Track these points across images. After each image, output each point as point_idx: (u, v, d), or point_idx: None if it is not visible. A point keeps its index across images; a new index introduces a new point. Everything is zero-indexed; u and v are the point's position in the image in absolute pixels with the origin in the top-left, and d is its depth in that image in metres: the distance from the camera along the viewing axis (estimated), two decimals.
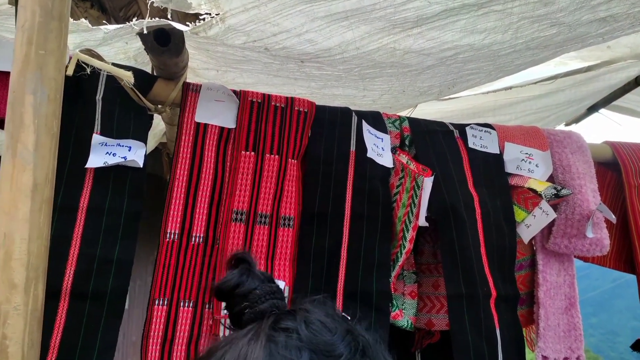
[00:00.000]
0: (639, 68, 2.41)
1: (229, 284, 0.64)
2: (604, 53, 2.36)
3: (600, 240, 1.48)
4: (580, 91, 2.51)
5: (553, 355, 1.48)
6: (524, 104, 2.55)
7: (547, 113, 2.69)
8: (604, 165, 1.70)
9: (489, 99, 2.50)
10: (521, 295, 1.57)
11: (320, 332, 0.57)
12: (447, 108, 2.54)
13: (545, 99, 2.53)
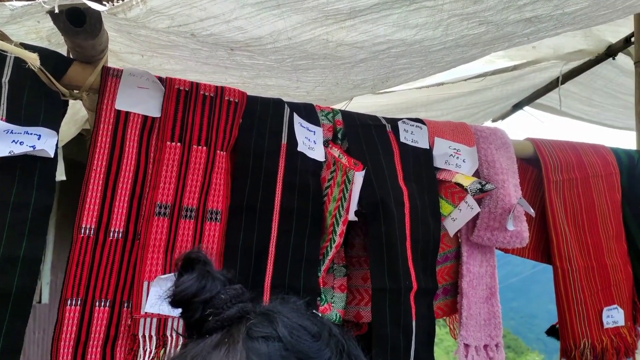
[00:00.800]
0: (561, 68, 2.55)
1: (189, 292, 0.55)
2: (529, 53, 2.47)
3: (520, 232, 1.55)
4: (507, 89, 2.62)
5: (474, 343, 1.54)
6: (455, 100, 2.63)
7: (476, 109, 2.79)
8: (525, 161, 1.78)
9: (422, 94, 2.55)
10: (446, 285, 1.62)
11: (304, 338, 0.52)
12: (382, 102, 2.57)
13: (475, 96, 2.62)
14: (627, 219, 1.79)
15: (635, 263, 1.77)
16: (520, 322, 20.29)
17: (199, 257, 0.58)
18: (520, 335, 17.10)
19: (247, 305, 0.56)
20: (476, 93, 2.59)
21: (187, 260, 0.58)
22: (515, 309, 26.19)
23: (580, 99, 3.11)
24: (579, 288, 1.66)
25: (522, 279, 24.07)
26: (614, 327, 1.70)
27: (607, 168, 1.78)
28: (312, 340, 0.52)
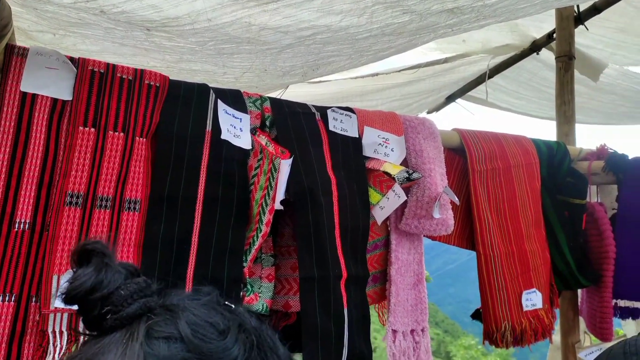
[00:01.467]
0: (489, 62, 2.64)
1: (83, 287, 0.50)
2: (460, 46, 2.54)
3: (446, 220, 1.59)
4: (439, 81, 2.69)
5: (401, 329, 1.57)
6: (389, 91, 2.67)
7: (410, 100, 2.84)
8: (453, 150, 1.82)
9: (357, 84, 2.57)
10: (376, 273, 1.64)
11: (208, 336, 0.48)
12: (317, 91, 2.56)
13: (408, 87, 2.67)
14: (546, 206, 1.88)
15: (553, 249, 1.87)
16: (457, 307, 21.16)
17: (97, 248, 0.53)
18: (457, 320, 17.84)
19: (151, 300, 0.51)
20: (410, 84, 2.63)
21: (83, 252, 0.53)
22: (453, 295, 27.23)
23: (507, 91, 3.24)
24: (500, 273, 1.74)
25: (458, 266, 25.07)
26: (533, 310, 1.78)
27: (527, 158, 1.86)
28: (219, 339, 0.48)
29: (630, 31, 2.38)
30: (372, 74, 2.52)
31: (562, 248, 1.86)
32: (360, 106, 1.66)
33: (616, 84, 2.74)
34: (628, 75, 2.68)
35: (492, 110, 3.93)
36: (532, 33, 2.53)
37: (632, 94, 2.81)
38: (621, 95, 2.85)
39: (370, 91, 2.62)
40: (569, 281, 1.88)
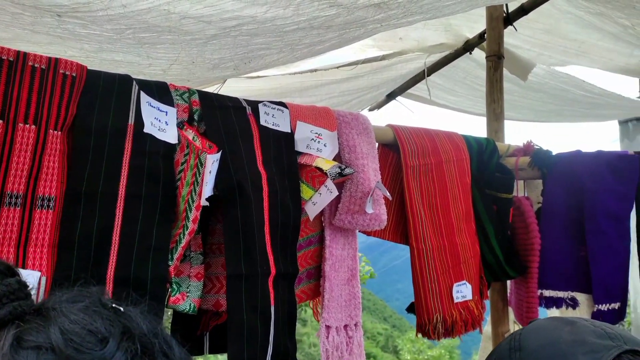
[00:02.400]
0: (425, 60, 2.69)
1: None
2: (397, 44, 2.58)
3: (379, 215, 1.61)
4: (377, 78, 2.72)
5: (335, 324, 1.58)
6: (329, 87, 2.67)
7: (349, 97, 2.86)
8: (387, 146, 1.85)
9: (296, 80, 2.55)
10: (310, 269, 1.64)
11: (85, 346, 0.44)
12: (256, 86, 2.52)
13: (347, 84, 2.68)
14: (476, 201, 1.94)
15: (482, 242, 1.93)
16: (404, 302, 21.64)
17: None
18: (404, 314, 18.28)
19: (23, 304, 0.47)
20: (348, 81, 2.65)
21: None
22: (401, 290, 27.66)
23: (445, 89, 3.33)
24: (432, 266, 1.77)
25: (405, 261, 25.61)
26: (463, 301, 1.84)
27: (458, 154, 1.91)
28: (97, 348, 0.44)
29: (556, 33, 2.50)
30: (310, 70, 2.52)
31: (491, 241, 1.93)
32: (300, 102, 1.65)
33: (544, 83, 2.87)
34: (554, 75, 2.82)
35: (431, 107, 4.04)
36: (465, 33, 2.61)
37: (558, 92, 2.96)
38: (549, 93, 3.00)
39: (309, 87, 2.62)
40: (497, 273, 1.95)
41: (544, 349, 0.70)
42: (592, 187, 1.88)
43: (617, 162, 1.89)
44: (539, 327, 0.77)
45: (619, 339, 0.69)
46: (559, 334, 0.72)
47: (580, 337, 0.70)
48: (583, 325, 0.74)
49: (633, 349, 0.68)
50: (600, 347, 0.67)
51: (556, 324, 0.76)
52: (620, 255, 1.87)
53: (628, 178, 1.87)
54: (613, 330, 0.72)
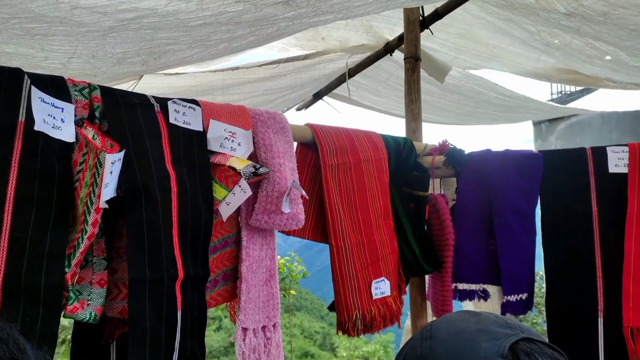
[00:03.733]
0: (347, 60, 2.72)
1: None
2: (319, 44, 2.59)
3: (296, 215, 1.60)
4: (301, 77, 2.72)
5: (252, 326, 1.55)
6: (251, 86, 2.63)
7: (273, 96, 2.84)
8: (306, 145, 1.84)
9: (217, 78, 2.49)
10: (226, 271, 1.60)
11: None
12: (176, 83, 2.44)
13: (270, 82, 2.66)
14: (394, 199, 1.98)
15: (400, 238, 1.98)
16: None
17: None
18: None
19: None
20: (271, 79, 2.63)
21: None
22: None
23: (370, 89, 3.39)
24: (351, 263, 1.79)
25: None
26: (382, 297, 1.87)
27: (377, 153, 1.95)
28: None
29: (469, 37, 2.61)
30: (232, 68, 2.47)
31: (408, 237, 1.98)
32: (222, 100, 1.60)
33: (460, 85, 3.00)
34: (469, 78, 2.94)
35: (358, 108, 4.10)
36: (386, 35, 2.67)
37: (474, 94, 3.10)
38: (465, 95, 3.13)
39: (231, 85, 2.57)
40: (415, 268, 2.00)
41: (452, 337, 0.76)
42: (500, 184, 1.97)
43: (523, 161, 1.99)
44: (449, 318, 0.84)
45: (517, 328, 0.76)
46: (465, 324, 0.78)
47: (484, 326, 0.77)
48: (486, 317, 0.81)
49: (528, 337, 0.75)
50: (501, 334, 0.74)
51: (464, 316, 0.83)
52: (527, 249, 1.98)
53: (532, 175, 1.98)
54: (512, 321, 0.80)
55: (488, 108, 3.31)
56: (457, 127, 4.74)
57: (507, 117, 3.70)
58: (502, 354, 0.70)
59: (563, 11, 2.07)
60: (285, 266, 7.90)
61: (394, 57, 2.78)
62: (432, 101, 3.38)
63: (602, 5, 1.94)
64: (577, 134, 5.83)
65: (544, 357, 0.70)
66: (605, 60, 2.53)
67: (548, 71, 2.81)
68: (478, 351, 0.71)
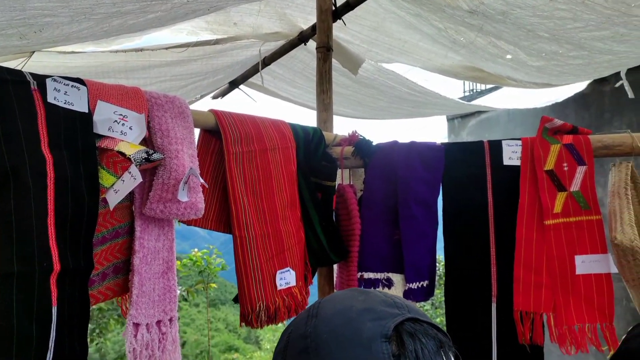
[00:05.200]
0: (260, 48, 2.66)
1: None
2: (231, 29, 2.51)
3: (195, 204, 1.53)
4: (212, 63, 2.62)
5: (146, 321, 1.47)
6: (158, 70, 2.50)
7: (183, 82, 2.72)
8: (209, 132, 1.78)
9: (119, 59, 2.34)
10: (117, 263, 1.50)
11: None
12: (72, 63, 2.26)
13: (179, 67, 2.54)
14: (301, 188, 1.96)
15: (307, 228, 1.97)
16: None
17: None
18: None
19: None
20: (180, 64, 2.51)
21: None
22: None
23: (286, 80, 3.35)
24: (255, 254, 1.75)
25: None
26: (287, 288, 1.85)
27: (284, 142, 1.92)
28: None
29: (382, 30, 2.65)
30: (135, 49, 2.33)
31: (315, 227, 1.97)
32: (125, 84, 1.49)
33: (373, 79, 3.04)
34: (382, 71, 2.99)
35: (276, 99, 4.05)
36: (300, 24, 2.64)
37: (387, 89, 3.16)
38: (378, 89, 3.18)
39: (135, 68, 2.42)
40: (321, 258, 2.00)
41: (337, 315, 0.73)
42: (405, 175, 2.02)
43: (426, 152, 2.05)
44: (336, 296, 0.80)
45: (404, 308, 0.74)
46: (352, 303, 0.75)
47: (370, 305, 0.74)
48: (375, 295, 0.78)
49: (415, 317, 0.73)
50: (387, 314, 0.72)
51: (352, 294, 0.79)
52: (429, 238, 2.04)
53: (435, 167, 2.04)
54: (401, 300, 0.78)
55: (401, 103, 3.39)
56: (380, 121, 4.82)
57: (420, 112, 3.81)
58: (385, 335, 0.68)
59: (466, 8, 2.15)
60: (204, 259, 7.71)
61: (309, 47, 2.76)
62: (348, 94, 3.40)
63: (501, 5, 2.03)
64: (486, 129, 6.17)
65: (427, 338, 0.70)
66: (506, 59, 2.66)
67: (455, 68, 2.92)
68: (362, 331, 0.69)
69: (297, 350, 0.71)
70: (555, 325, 1.88)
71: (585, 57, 2.40)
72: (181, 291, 9.16)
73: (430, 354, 0.68)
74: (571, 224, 1.92)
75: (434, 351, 0.69)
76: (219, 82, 3.10)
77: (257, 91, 3.75)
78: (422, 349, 0.68)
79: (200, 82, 2.84)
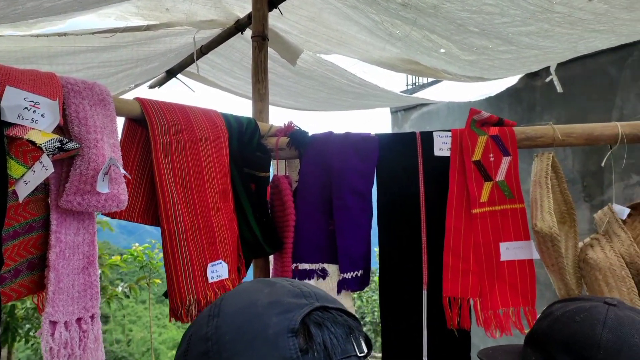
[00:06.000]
0: (194, 35, 2.59)
1: None
2: (163, 15, 2.42)
3: (117, 195, 1.47)
4: (143, 50, 2.52)
5: (64, 319, 1.40)
6: (85, 55, 2.38)
7: (112, 69, 2.60)
8: (136, 122, 1.71)
9: (42, 44, 2.21)
10: (32, 259, 1.42)
11: None
12: None
13: (108, 54, 2.43)
14: (234, 179, 1.93)
15: (240, 220, 1.94)
16: None
17: None
18: None
19: None
20: (109, 50, 2.40)
21: None
22: None
23: (225, 70, 3.28)
24: (185, 247, 1.71)
25: None
26: (219, 281, 1.82)
27: (216, 132, 1.87)
28: None
29: (319, 21, 2.64)
30: (59, 33, 2.20)
31: (249, 219, 1.95)
32: (49, 70, 1.39)
33: (313, 70, 3.03)
34: (321, 63, 2.99)
35: (217, 90, 3.97)
36: (236, 12, 2.58)
37: (326, 80, 3.16)
38: (318, 81, 3.18)
39: (59, 53, 2.29)
40: (255, 250, 1.98)
41: (240, 312, 0.69)
42: (339, 166, 2.02)
43: (361, 143, 2.07)
44: (240, 290, 0.76)
45: (312, 297, 0.71)
46: (257, 296, 0.71)
47: (276, 297, 0.70)
48: (282, 286, 0.74)
49: (323, 305, 0.71)
50: (294, 306, 0.69)
51: (257, 287, 0.75)
52: (363, 228, 2.06)
53: (369, 157, 2.06)
54: (309, 289, 0.74)
55: (341, 94, 3.40)
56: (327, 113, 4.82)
57: (361, 104, 3.84)
58: (292, 329, 0.65)
59: (399, 1, 2.17)
60: (145, 254, 7.49)
61: (247, 36, 2.71)
62: (288, 86, 3.38)
63: None
64: (427, 122, 6.32)
65: (336, 326, 0.68)
66: (440, 52, 2.72)
67: (393, 61, 2.96)
68: (267, 327, 0.66)
69: (198, 354, 0.67)
70: (481, 309, 1.95)
71: (514, 51, 2.49)
72: (123, 288, 8.87)
73: (339, 342, 0.67)
74: (496, 213, 1.99)
75: (344, 338, 0.68)
76: (154, 70, 3.00)
77: (196, 81, 3.66)
78: (331, 339, 0.66)
79: (132, 69, 2.72)
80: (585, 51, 2.63)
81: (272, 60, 3.03)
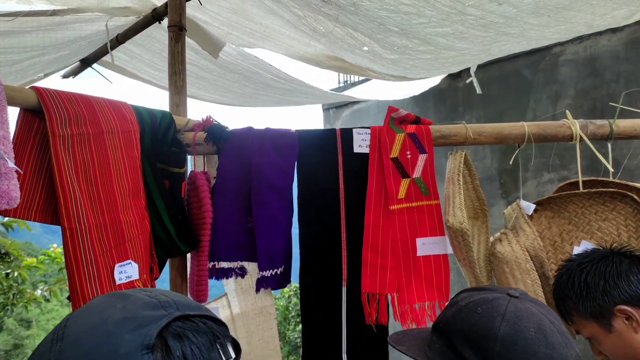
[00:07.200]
0: (106, 23, 2.44)
1: None
2: (72, 0, 2.27)
3: (7, 192, 1.35)
4: (51, 37, 2.35)
5: None
6: None
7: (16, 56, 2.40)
8: (32, 112, 1.58)
9: None
10: None
11: None
12: None
13: (9, 39, 2.24)
14: (147, 176, 1.84)
15: (153, 218, 1.85)
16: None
17: None
18: None
19: None
20: (10, 35, 2.21)
21: None
22: None
23: (144, 60, 3.13)
24: (89, 247, 1.60)
25: None
26: (128, 282, 1.72)
27: (125, 125, 1.77)
28: None
29: (242, 14, 2.58)
30: None
31: (162, 216, 1.86)
32: None
33: (237, 64, 2.96)
34: (245, 56, 2.92)
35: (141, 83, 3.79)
36: (154, 0, 2.47)
37: (251, 74, 3.10)
38: (243, 75, 3.11)
39: None
40: (170, 249, 1.90)
41: (87, 334, 0.63)
42: (258, 162, 1.98)
43: (280, 139, 2.04)
44: (89, 308, 0.69)
45: (171, 306, 0.67)
46: (108, 314, 0.65)
47: (131, 312, 0.65)
48: (138, 298, 0.68)
49: (184, 314, 0.67)
50: (149, 319, 0.64)
51: (109, 301, 0.69)
52: (282, 224, 2.03)
53: (288, 153, 2.04)
54: (168, 297, 0.70)
55: (267, 90, 3.35)
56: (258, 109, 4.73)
57: (289, 100, 3.81)
58: (147, 345, 0.60)
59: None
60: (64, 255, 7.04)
61: (165, 26, 2.60)
62: (212, 79, 3.28)
63: None
64: (358, 120, 6.41)
65: (198, 335, 0.64)
66: (363, 50, 2.74)
67: (318, 57, 2.95)
68: (118, 347, 0.60)
69: None
70: (398, 304, 1.99)
71: (432, 52, 2.55)
72: (43, 291, 8.32)
73: (202, 351, 0.63)
74: (413, 209, 2.03)
75: (207, 347, 0.64)
76: (66, 59, 2.80)
77: (115, 72, 3.47)
78: (192, 350, 0.63)
79: (38, 57, 2.53)
80: (499, 54, 2.74)
81: (194, 53, 2.94)
